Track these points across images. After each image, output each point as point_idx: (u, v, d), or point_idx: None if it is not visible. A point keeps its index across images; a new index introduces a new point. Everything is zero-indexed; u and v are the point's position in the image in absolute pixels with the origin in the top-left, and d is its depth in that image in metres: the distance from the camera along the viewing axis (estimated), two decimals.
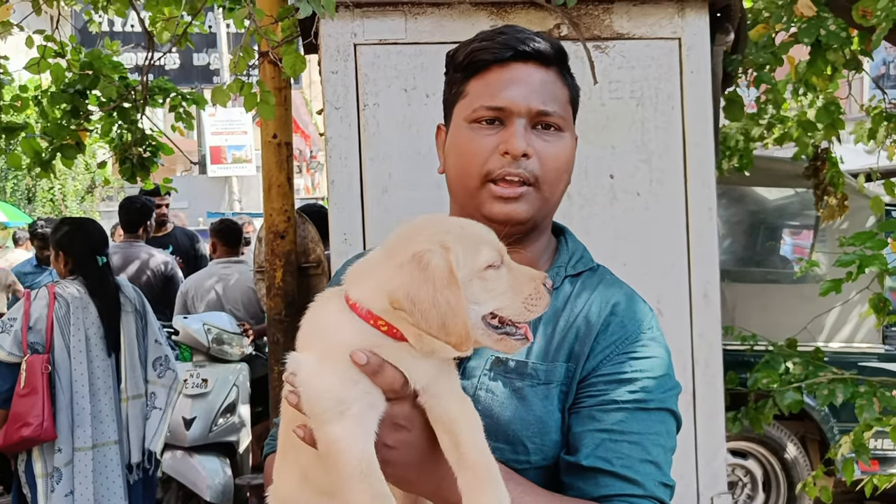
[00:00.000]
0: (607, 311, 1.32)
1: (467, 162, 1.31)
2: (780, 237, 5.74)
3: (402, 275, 1.09)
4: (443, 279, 1.07)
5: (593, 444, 1.24)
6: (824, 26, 3.04)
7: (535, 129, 1.31)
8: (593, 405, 1.27)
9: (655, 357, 1.31)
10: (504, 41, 1.30)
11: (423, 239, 1.12)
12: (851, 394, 3.20)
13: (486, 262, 1.11)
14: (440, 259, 1.08)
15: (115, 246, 5.87)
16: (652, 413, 1.27)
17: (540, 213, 1.33)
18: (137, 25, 5.17)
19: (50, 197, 19.01)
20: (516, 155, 1.27)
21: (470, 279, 1.10)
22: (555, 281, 1.34)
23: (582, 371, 1.29)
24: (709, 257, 2.95)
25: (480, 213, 1.31)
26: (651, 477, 1.24)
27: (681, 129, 2.92)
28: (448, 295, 1.06)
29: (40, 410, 3.49)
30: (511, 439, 1.26)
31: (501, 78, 1.30)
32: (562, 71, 1.35)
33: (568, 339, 1.30)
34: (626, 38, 2.88)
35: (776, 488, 5.11)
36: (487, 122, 1.30)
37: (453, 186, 1.38)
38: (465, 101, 1.33)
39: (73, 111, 4.43)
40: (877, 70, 12.57)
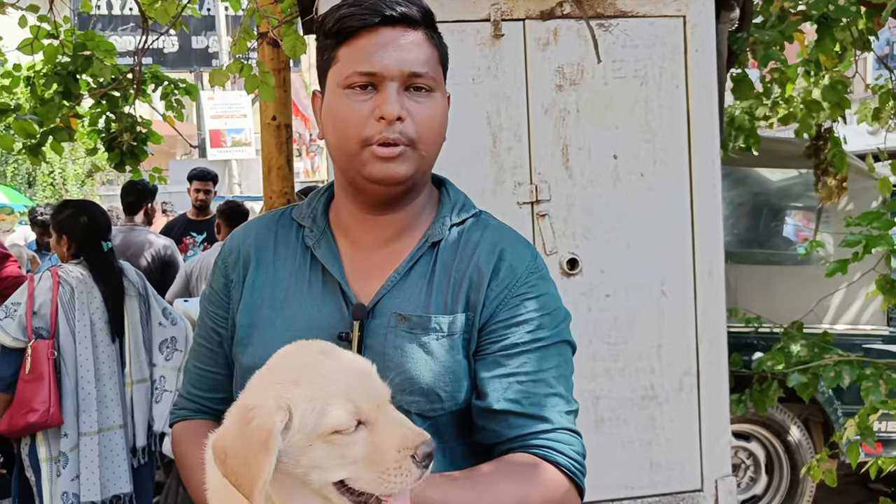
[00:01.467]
0: (496, 256, 1.37)
1: (345, 128, 1.33)
2: (783, 218, 5.71)
3: (230, 421, 1.04)
4: (258, 443, 0.98)
5: (502, 388, 1.32)
6: (833, 2, 2.99)
7: (408, 91, 1.32)
8: (497, 350, 1.33)
9: (546, 294, 1.38)
10: (371, 6, 1.31)
11: (269, 386, 1.04)
12: (857, 376, 3.18)
13: (331, 426, 1.00)
14: (265, 419, 0.99)
15: (115, 230, 5.84)
16: (551, 348, 1.35)
17: (418, 171, 1.35)
18: (135, 8, 5.11)
19: (50, 181, 19.01)
20: (391, 119, 1.29)
21: (310, 444, 1.01)
22: (441, 230, 1.39)
23: (480, 319, 1.34)
24: (713, 235, 2.93)
25: (361, 174, 1.33)
26: (557, 408, 1.33)
27: (685, 108, 2.89)
28: (259, 458, 0.98)
29: (46, 396, 3.47)
30: (425, 391, 1.31)
31: (371, 43, 1.31)
32: (429, 31, 1.37)
33: (463, 288, 1.35)
34: (629, 15, 2.84)
35: (779, 471, 5.11)
36: (361, 87, 1.31)
37: (333, 151, 1.39)
38: (337, 67, 1.34)
39: (64, 93, 4.39)
40: (881, 50, 12.48)
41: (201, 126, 18.54)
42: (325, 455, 1.01)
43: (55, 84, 4.41)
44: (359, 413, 1.02)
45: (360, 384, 1.06)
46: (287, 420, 1.00)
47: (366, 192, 1.36)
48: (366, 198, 1.38)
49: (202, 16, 13.79)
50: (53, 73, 4.39)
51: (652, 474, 2.89)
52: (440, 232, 1.39)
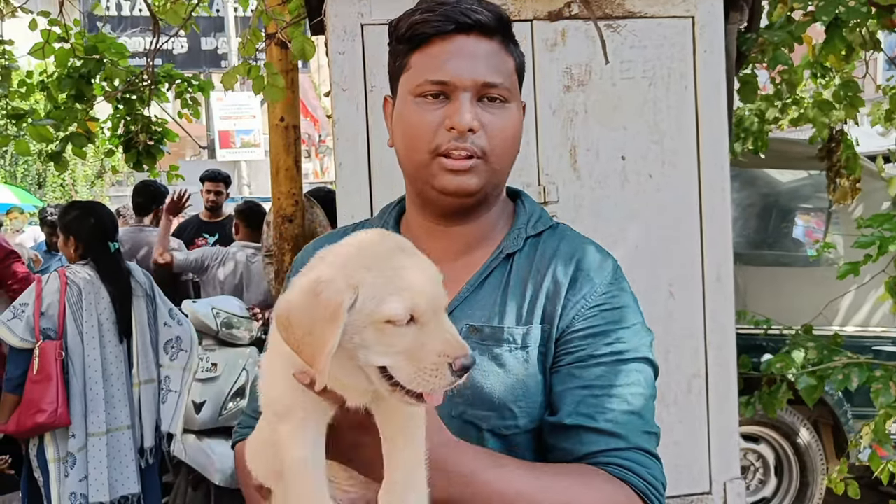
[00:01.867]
0: (573, 266, 1.32)
1: (415, 137, 1.29)
2: (792, 220, 5.68)
3: (296, 294, 1.07)
4: (326, 314, 1.03)
5: (574, 402, 1.25)
6: (843, 3, 2.97)
7: (481, 101, 1.28)
8: (571, 363, 1.27)
9: (626, 306, 1.32)
10: (445, 13, 1.27)
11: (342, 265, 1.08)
12: (867, 378, 3.16)
13: (386, 315, 1.04)
14: (334, 294, 1.04)
15: (123, 231, 5.85)
16: (630, 363, 1.28)
17: (490, 183, 1.31)
18: (145, 10, 5.14)
19: (60, 182, 19.09)
20: (462, 130, 1.25)
21: (365, 325, 1.05)
22: (516, 242, 1.35)
23: (557, 330, 1.29)
24: (722, 239, 2.91)
25: (431, 185, 1.30)
26: (634, 427, 1.24)
27: (694, 109, 2.88)
28: (325, 330, 1.02)
29: (54, 397, 3.48)
30: (496, 406, 1.26)
31: (444, 51, 1.28)
32: (505, 40, 1.33)
33: (539, 299, 1.30)
34: (638, 16, 2.83)
35: (788, 473, 5.08)
36: (432, 96, 1.28)
37: (402, 160, 1.35)
38: (409, 73, 1.31)
39: (77, 96, 4.40)
40: (891, 51, 12.41)
41: (210, 127, 18.58)
42: (374, 340, 1.05)
43: (68, 88, 4.43)
44: (414, 311, 1.05)
45: (424, 286, 1.09)
46: (353, 299, 1.04)
47: (436, 203, 1.33)
48: (436, 209, 1.34)
49: (213, 15, 13.85)
50: (67, 76, 4.41)
51: None
52: (515, 244, 1.35)
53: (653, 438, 1.28)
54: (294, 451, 1.10)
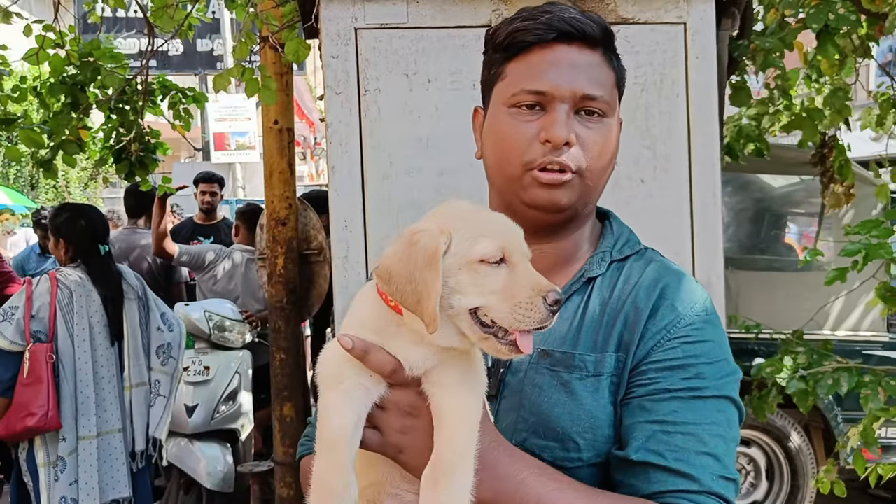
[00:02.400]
0: (656, 294, 1.24)
1: (507, 149, 1.25)
2: (784, 225, 5.71)
3: (394, 247, 1.11)
4: (425, 259, 1.06)
5: (644, 437, 1.16)
6: (833, 10, 2.99)
7: (578, 114, 1.24)
8: (644, 395, 1.19)
9: (710, 341, 1.22)
10: (547, 21, 1.23)
11: (431, 218, 1.13)
12: (856, 383, 3.18)
13: (479, 254, 1.07)
14: (429, 239, 1.07)
15: (116, 233, 5.85)
16: (708, 401, 1.18)
17: (582, 200, 1.27)
18: (140, 11, 5.13)
19: (53, 184, 19.03)
20: (558, 144, 1.21)
21: (459, 268, 1.07)
22: (599, 266, 1.30)
23: (632, 360, 1.21)
24: (713, 245, 2.92)
25: (521, 199, 1.26)
26: (708, 470, 1.15)
27: (685, 114, 2.89)
28: (426, 274, 1.05)
29: (45, 400, 3.47)
30: (561, 436, 1.20)
31: (544, 60, 1.23)
32: (608, 52, 1.28)
33: (617, 327, 1.23)
34: (630, 22, 2.84)
35: (780, 476, 5.10)
36: (528, 107, 1.23)
37: (492, 172, 1.32)
38: (505, 83, 1.27)
39: (72, 104, 4.39)
40: (883, 57, 12.48)
41: (205, 129, 18.56)
42: (469, 281, 1.07)
43: (63, 95, 4.42)
44: (505, 250, 1.08)
45: (512, 233, 1.13)
46: (448, 243, 1.07)
47: (524, 217, 1.24)
48: (523, 224, 1.24)
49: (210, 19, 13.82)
50: (60, 83, 4.39)
51: None
52: (598, 267, 1.29)
53: (730, 485, 1.17)
54: (334, 418, 1.10)
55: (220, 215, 7.09)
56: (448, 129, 2.69)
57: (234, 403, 5.02)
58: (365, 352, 1.08)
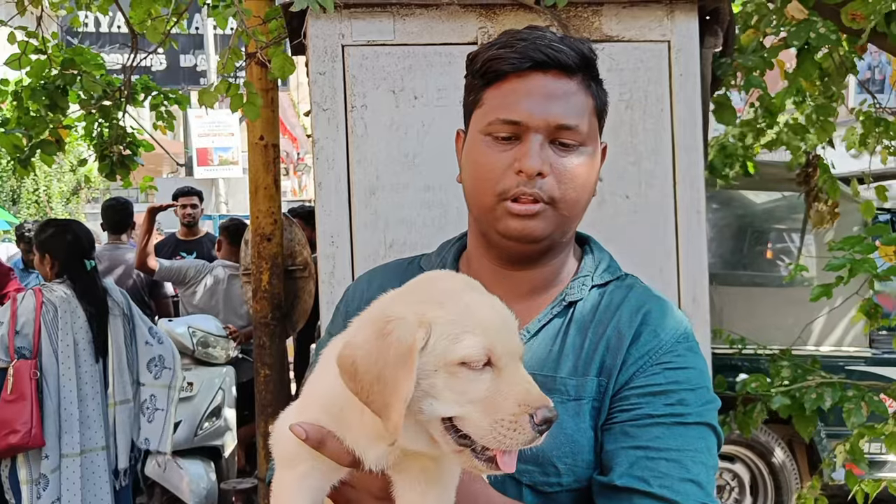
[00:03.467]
0: (638, 320, 1.24)
1: (482, 178, 1.24)
2: (767, 241, 5.75)
3: (362, 334, 0.98)
4: (398, 356, 0.93)
5: (628, 463, 1.15)
6: (814, 29, 3.03)
7: (553, 144, 1.22)
8: (626, 420, 1.18)
9: (692, 368, 1.22)
10: (522, 49, 1.21)
11: (410, 302, 1.00)
12: (839, 398, 3.20)
13: (460, 356, 0.94)
14: (405, 333, 0.94)
15: (100, 249, 5.82)
16: (690, 427, 1.18)
17: (558, 230, 1.25)
18: (124, 26, 5.12)
19: (35, 198, 18.89)
20: (531, 174, 1.19)
21: (436, 369, 0.95)
22: (580, 290, 1.28)
23: (614, 385, 1.20)
24: (698, 261, 2.94)
25: (495, 229, 1.24)
26: (692, 497, 1.14)
27: (670, 131, 2.91)
28: (397, 374, 0.92)
29: (28, 417, 3.44)
30: (541, 460, 1.18)
31: (518, 89, 1.22)
32: (587, 79, 1.26)
33: (598, 351, 1.22)
34: (615, 40, 2.87)
35: (763, 492, 5.11)
36: (503, 138, 1.22)
37: (469, 200, 1.30)
38: (482, 110, 1.26)
39: (50, 106, 4.38)
40: (862, 75, 12.63)
41: (188, 144, 18.51)
42: (446, 386, 0.95)
43: (42, 98, 4.40)
44: (491, 353, 0.96)
45: (501, 327, 1.00)
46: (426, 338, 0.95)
47: (499, 246, 1.26)
48: (500, 252, 1.28)
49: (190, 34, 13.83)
50: (41, 87, 4.38)
51: None
52: (579, 292, 1.28)
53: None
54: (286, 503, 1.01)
55: (203, 230, 7.07)
56: (434, 146, 2.69)
57: (217, 420, 4.98)
58: (320, 443, 1.01)
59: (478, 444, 0.96)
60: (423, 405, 0.95)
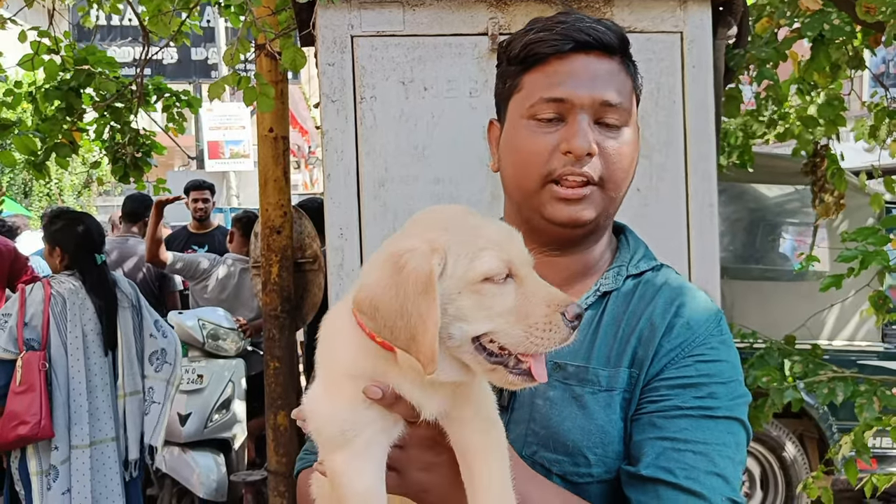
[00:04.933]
0: (672, 312, 1.23)
1: (526, 162, 1.22)
2: (779, 234, 5.72)
3: (375, 273, 0.96)
4: (417, 286, 0.91)
5: (654, 454, 1.14)
6: (828, 21, 3.00)
7: (598, 124, 1.21)
8: (655, 411, 1.17)
9: (724, 361, 1.21)
10: (563, 31, 1.20)
11: (417, 233, 0.98)
12: (852, 392, 3.17)
13: (482, 272, 0.94)
14: (421, 261, 0.92)
15: (111, 241, 5.83)
16: (720, 421, 1.17)
17: (604, 213, 1.24)
18: (135, 19, 5.13)
19: (47, 192, 19.00)
20: (580, 154, 1.18)
21: (459, 291, 0.94)
22: (615, 280, 1.27)
23: (645, 376, 1.20)
24: (709, 254, 2.92)
25: (541, 214, 1.22)
26: (718, 491, 1.13)
27: (682, 124, 2.89)
28: (420, 305, 0.90)
29: (38, 408, 3.45)
30: (571, 451, 1.18)
31: (561, 70, 1.20)
32: (625, 60, 1.26)
33: (631, 342, 1.21)
34: (627, 31, 2.83)
35: (774, 487, 5.09)
36: (547, 119, 1.20)
37: (510, 186, 1.28)
38: (521, 94, 1.24)
39: (67, 108, 4.38)
40: (876, 68, 12.55)
41: (199, 137, 18.54)
42: (473, 305, 0.94)
43: (57, 100, 4.41)
44: (511, 263, 0.95)
45: (511, 240, 0.99)
46: (442, 264, 0.93)
47: (543, 231, 1.24)
48: (541, 237, 1.25)
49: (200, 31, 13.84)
50: (55, 88, 4.39)
51: None
52: (614, 282, 1.27)
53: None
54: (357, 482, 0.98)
55: (215, 223, 7.07)
56: (444, 137, 2.68)
57: (227, 412, 4.99)
58: (397, 398, 1.00)
59: (510, 360, 0.96)
60: (451, 330, 0.94)
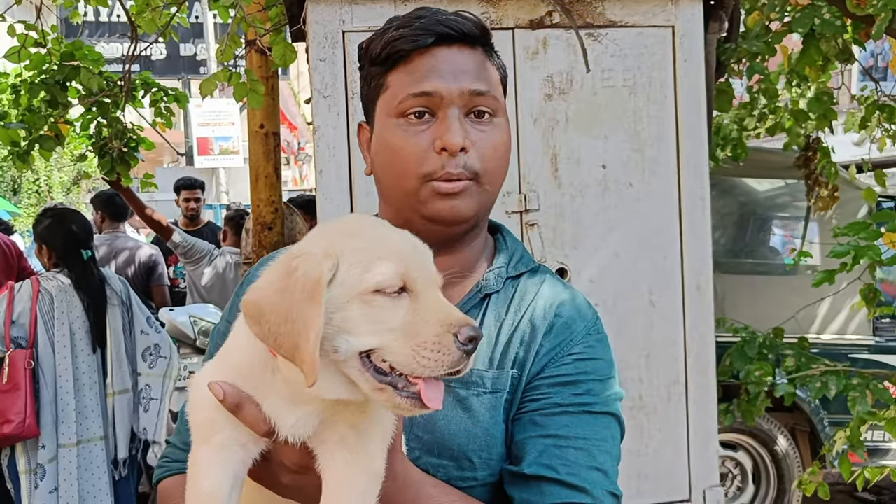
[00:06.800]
0: (552, 312, 1.23)
1: (401, 162, 1.18)
2: (770, 228, 5.73)
3: (266, 275, 0.92)
4: (304, 291, 0.86)
5: (537, 451, 1.15)
6: (818, 15, 3.01)
7: (469, 117, 1.18)
8: (536, 409, 1.18)
9: (601, 359, 1.23)
10: (423, 25, 1.17)
11: (318, 238, 0.95)
12: (844, 386, 3.19)
13: (374, 283, 0.89)
14: (311, 266, 0.88)
15: (100, 237, 5.80)
16: (598, 417, 1.19)
17: (483, 207, 1.22)
18: (123, 16, 5.10)
19: (35, 189, 18.88)
20: (454, 150, 1.15)
21: (348, 300, 0.89)
22: (496, 282, 1.26)
23: (527, 376, 1.20)
24: (701, 249, 2.93)
25: (421, 213, 1.19)
26: (599, 485, 1.15)
27: (674, 118, 2.90)
28: (305, 311, 0.86)
29: (23, 407, 3.42)
30: (456, 455, 1.17)
31: (425, 64, 1.17)
32: (488, 51, 1.23)
33: (513, 344, 1.21)
34: (618, 25, 2.85)
35: (766, 480, 5.11)
36: (416, 115, 1.17)
37: (385, 188, 1.25)
38: (388, 94, 1.20)
39: (51, 101, 4.36)
40: (865, 62, 12.59)
41: (189, 134, 18.48)
42: (360, 317, 0.89)
43: (42, 93, 4.38)
44: (406, 277, 0.91)
45: (415, 254, 0.95)
46: (333, 270, 0.89)
47: (423, 232, 1.17)
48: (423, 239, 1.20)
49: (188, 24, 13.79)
50: (41, 81, 4.36)
51: (640, 484, 2.88)
52: (494, 283, 1.26)
53: (616, 501, 1.19)
54: (203, 480, 0.94)
55: (205, 220, 7.06)
56: None
57: None
58: (238, 406, 0.94)
59: (399, 380, 0.90)
60: (337, 343, 0.89)
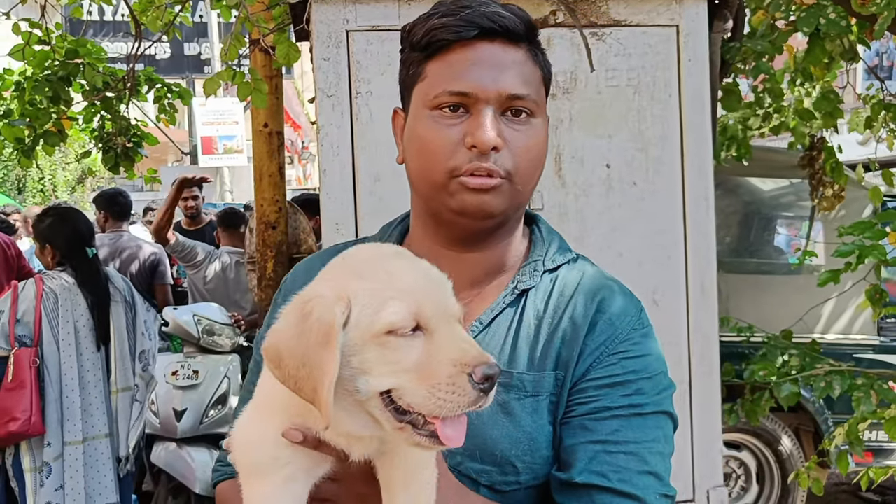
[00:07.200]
0: (593, 308, 1.20)
1: (430, 155, 1.16)
2: (774, 228, 5.72)
3: (284, 319, 0.93)
4: (319, 336, 0.87)
5: (587, 458, 1.13)
6: (824, 14, 3.00)
7: (505, 115, 1.15)
8: (585, 414, 1.15)
9: (649, 355, 1.20)
10: (467, 17, 1.13)
11: (330, 278, 0.95)
12: (849, 386, 3.18)
13: (386, 324, 0.89)
14: (324, 310, 0.89)
15: (102, 237, 5.81)
16: (648, 418, 1.16)
17: (512, 206, 1.19)
18: (128, 15, 5.11)
19: (40, 187, 18.93)
20: (485, 148, 1.12)
21: (364, 342, 0.90)
22: (532, 277, 1.23)
23: (572, 377, 1.17)
24: (706, 249, 2.92)
25: (448, 206, 1.17)
26: (651, 490, 1.13)
27: (678, 117, 2.89)
28: (321, 356, 0.87)
29: (28, 405, 3.43)
30: (499, 460, 1.15)
31: (465, 59, 1.14)
32: (532, 49, 1.20)
33: (554, 344, 1.18)
34: (623, 24, 2.84)
35: (770, 480, 5.10)
36: (451, 108, 1.15)
37: (415, 179, 1.22)
38: (425, 84, 1.17)
39: (53, 98, 4.37)
40: (870, 60, 12.56)
41: (193, 132, 18.48)
42: (376, 358, 0.89)
43: (45, 89, 4.39)
44: (419, 316, 0.90)
45: (429, 289, 0.94)
46: (347, 313, 0.89)
47: (451, 225, 1.19)
48: (450, 232, 1.20)
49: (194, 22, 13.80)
50: (44, 78, 4.37)
51: None
52: (531, 278, 1.23)
53: (669, 502, 1.17)
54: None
55: (206, 218, 7.07)
56: None
57: (223, 408, 4.97)
58: (319, 442, 0.98)
59: (418, 419, 0.91)
60: (357, 384, 0.90)
